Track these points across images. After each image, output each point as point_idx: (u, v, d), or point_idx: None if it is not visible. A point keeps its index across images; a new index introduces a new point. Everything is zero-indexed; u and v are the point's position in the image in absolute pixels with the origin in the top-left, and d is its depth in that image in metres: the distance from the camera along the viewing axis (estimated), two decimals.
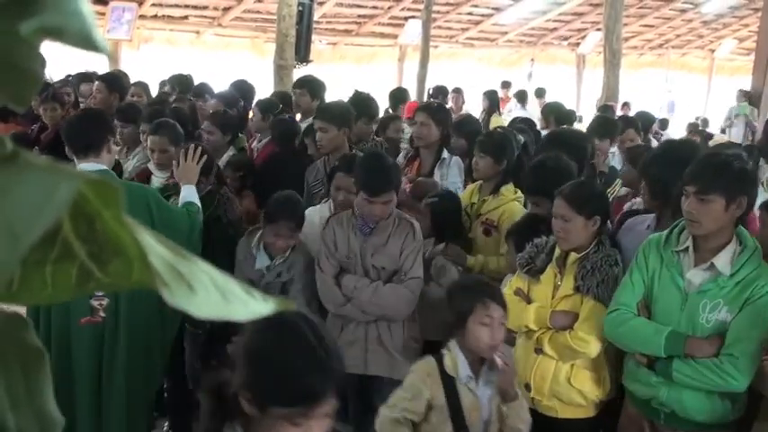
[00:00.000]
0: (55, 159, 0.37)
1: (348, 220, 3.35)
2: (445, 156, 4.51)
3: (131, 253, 0.35)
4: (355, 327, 3.33)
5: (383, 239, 3.29)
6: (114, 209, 0.34)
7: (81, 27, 0.29)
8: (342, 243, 3.33)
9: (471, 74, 16.12)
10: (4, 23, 0.29)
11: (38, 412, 0.42)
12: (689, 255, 2.62)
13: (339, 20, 14.68)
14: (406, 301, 3.28)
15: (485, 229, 3.76)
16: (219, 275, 0.42)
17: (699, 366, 2.53)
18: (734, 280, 2.52)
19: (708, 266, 2.57)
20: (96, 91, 5.62)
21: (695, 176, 2.54)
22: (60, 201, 0.29)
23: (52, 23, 0.29)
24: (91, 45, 0.30)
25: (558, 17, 16.99)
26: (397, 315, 3.32)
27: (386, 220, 3.27)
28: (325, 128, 4.25)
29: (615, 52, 10.05)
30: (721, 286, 2.53)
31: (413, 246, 3.30)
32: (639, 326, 2.66)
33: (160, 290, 0.35)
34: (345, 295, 3.30)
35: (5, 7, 0.28)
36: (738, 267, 2.52)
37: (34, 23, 0.28)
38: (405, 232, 3.30)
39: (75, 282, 0.44)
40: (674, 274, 2.63)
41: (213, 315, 0.37)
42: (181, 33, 12.97)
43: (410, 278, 3.27)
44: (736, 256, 2.54)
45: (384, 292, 3.26)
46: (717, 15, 18.34)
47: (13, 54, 0.32)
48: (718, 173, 2.52)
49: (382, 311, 3.29)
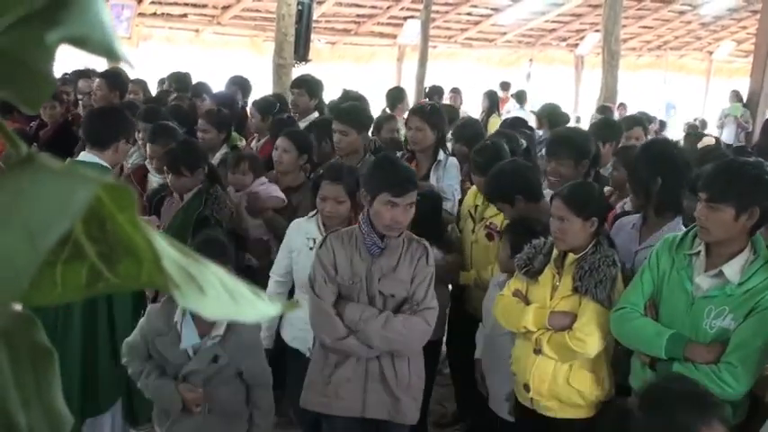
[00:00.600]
0: (53, 157, 0.38)
1: (350, 238, 2.90)
2: (441, 157, 4.44)
3: (144, 255, 0.36)
4: (355, 363, 2.91)
5: (393, 262, 2.87)
6: (129, 212, 0.34)
7: (103, 36, 0.30)
8: (344, 265, 2.88)
9: (470, 74, 16.12)
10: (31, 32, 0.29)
11: (48, 410, 0.43)
12: (700, 259, 2.62)
13: (338, 19, 14.68)
14: (421, 335, 2.91)
15: (488, 233, 3.73)
16: (227, 277, 0.42)
17: (697, 372, 2.52)
18: (742, 288, 2.51)
19: (716, 273, 2.56)
20: (97, 88, 5.62)
21: (707, 184, 2.54)
22: (78, 204, 0.30)
23: (77, 33, 0.29)
24: (113, 55, 0.31)
25: (557, 18, 17.01)
26: (407, 350, 2.93)
27: (396, 238, 2.88)
28: (346, 131, 4.24)
29: (614, 53, 10.06)
30: (728, 294, 2.53)
31: (425, 272, 2.89)
32: (643, 326, 2.67)
33: (172, 292, 0.35)
34: (348, 327, 2.86)
35: (33, 17, 0.29)
36: (749, 276, 2.51)
37: (60, 32, 0.29)
38: (417, 255, 2.90)
39: (84, 282, 0.44)
40: (684, 278, 2.63)
41: (223, 316, 0.38)
42: (180, 31, 12.96)
43: (424, 308, 2.88)
44: (748, 264, 2.53)
45: (396, 323, 2.84)
46: (715, 17, 18.36)
47: (33, 59, 0.32)
48: (729, 182, 2.50)
49: (392, 346, 2.88)
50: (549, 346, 2.88)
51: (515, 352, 3.07)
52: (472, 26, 16.46)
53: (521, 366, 3.00)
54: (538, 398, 2.96)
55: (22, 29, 0.29)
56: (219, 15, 13.05)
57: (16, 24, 0.29)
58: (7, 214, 0.30)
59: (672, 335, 2.59)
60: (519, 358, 3.03)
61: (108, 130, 3.42)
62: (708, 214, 2.51)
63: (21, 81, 0.38)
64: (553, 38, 18.13)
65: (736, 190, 2.49)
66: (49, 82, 0.37)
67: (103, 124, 3.48)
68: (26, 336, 0.46)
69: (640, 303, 2.72)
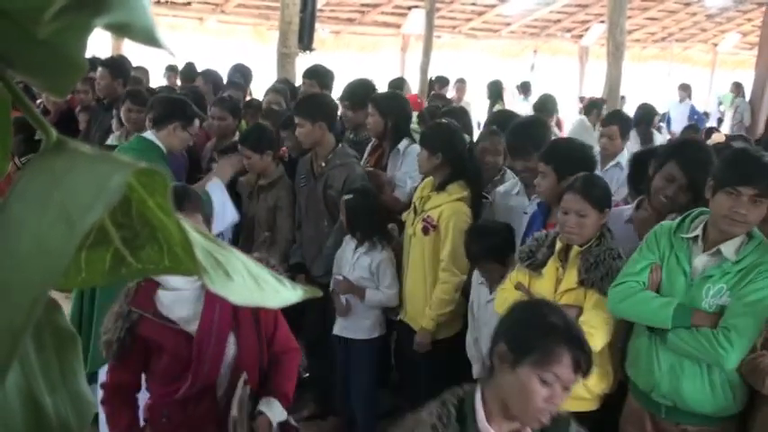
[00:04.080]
0: None
1: None
2: (400, 145, 4.38)
3: (175, 240, 0.36)
4: None
5: None
6: (161, 197, 0.34)
7: (146, 24, 0.30)
8: None
9: (474, 64, 16.07)
10: (77, 20, 0.30)
11: (72, 394, 0.43)
12: (698, 243, 2.64)
13: (342, 8, 14.64)
14: None
15: (423, 227, 3.63)
16: (252, 263, 0.43)
17: (696, 332, 2.55)
18: (738, 266, 2.54)
19: (714, 251, 2.59)
20: (100, 77, 5.62)
21: (753, 179, 2.49)
22: (114, 188, 0.30)
23: (121, 20, 0.29)
24: (155, 42, 0.31)
25: (562, 9, 16.94)
26: None
27: None
28: (301, 123, 4.14)
29: (618, 45, 10.01)
30: (725, 272, 2.55)
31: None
32: (646, 298, 2.66)
33: (201, 277, 0.36)
34: None
35: (77, 3, 0.29)
36: (744, 255, 2.55)
37: (106, 19, 0.29)
38: None
39: (108, 267, 0.44)
40: (682, 260, 2.65)
41: (249, 301, 0.38)
42: (184, 20, 12.93)
43: None
44: (744, 245, 2.57)
45: None
46: (721, 9, 18.27)
47: (71, 47, 0.32)
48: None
49: None
50: None
51: None
52: (477, 16, 16.40)
53: None
54: None
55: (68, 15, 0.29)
56: (223, 4, 13.02)
57: (60, 12, 0.29)
58: (45, 198, 0.30)
59: (678, 304, 2.60)
60: None
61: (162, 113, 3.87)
62: (750, 208, 2.49)
63: (55, 68, 0.38)
64: (558, 29, 18.06)
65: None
66: (81, 68, 0.37)
67: (158, 106, 3.96)
68: (49, 320, 0.47)
69: (639, 277, 2.70)
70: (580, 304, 2.86)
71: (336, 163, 4.07)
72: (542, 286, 2.95)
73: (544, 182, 3.27)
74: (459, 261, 3.54)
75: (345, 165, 4.08)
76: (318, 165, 4.14)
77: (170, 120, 3.84)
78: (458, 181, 3.64)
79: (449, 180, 3.64)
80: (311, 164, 4.19)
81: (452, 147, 3.64)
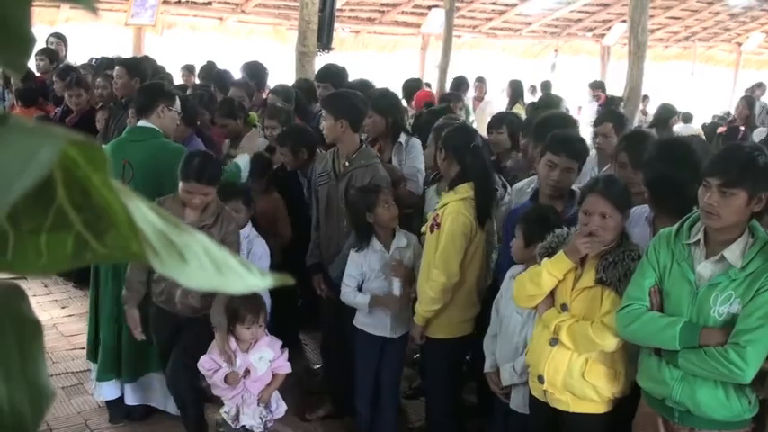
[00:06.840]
0: None
1: None
2: (401, 140, 4.45)
3: (119, 219, 0.34)
4: None
5: None
6: (102, 173, 0.33)
7: None
8: None
9: (494, 64, 16.00)
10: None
11: (30, 384, 0.42)
12: (700, 248, 2.58)
13: (362, 8, 14.63)
14: None
15: (431, 224, 3.62)
16: (216, 248, 0.41)
17: (704, 354, 2.50)
18: (745, 272, 2.49)
19: (718, 258, 2.53)
20: (117, 76, 5.65)
21: (719, 169, 2.49)
22: (42, 160, 0.28)
23: None
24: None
25: (583, 8, 16.82)
26: None
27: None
28: (326, 117, 4.17)
29: (640, 44, 9.90)
30: (732, 278, 2.50)
31: None
32: (652, 320, 2.62)
33: (150, 258, 0.34)
34: None
35: None
36: (750, 259, 2.49)
37: None
38: None
39: (71, 252, 0.43)
40: (685, 268, 2.59)
41: (205, 286, 0.37)
42: (204, 19, 12.98)
43: None
44: (748, 248, 2.51)
45: None
46: (745, 8, 18.05)
47: (10, 16, 0.31)
48: (744, 167, 2.46)
49: None
50: (567, 334, 2.84)
51: (531, 343, 3.04)
52: (497, 16, 16.33)
53: (536, 357, 2.97)
54: (551, 390, 2.93)
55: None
56: (243, 3, 13.05)
57: None
58: None
59: (684, 324, 2.55)
60: (534, 349, 3.00)
61: (147, 99, 4.03)
62: (720, 200, 2.46)
63: (2, 41, 0.37)
64: (579, 28, 17.94)
65: (751, 175, 2.45)
66: (27, 39, 0.35)
67: (141, 95, 4.14)
68: (11, 308, 0.45)
69: (644, 298, 2.66)
70: (597, 302, 2.83)
71: (361, 163, 4.05)
72: (560, 283, 2.93)
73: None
74: (449, 262, 3.49)
75: (370, 166, 4.06)
76: (341, 164, 4.12)
77: (155, 103, 3.97)
78: (467, 182, 3.56)
79: (457, 181, 3.59)
80: (333, 162, 4.17)
81: (465, 151, 3.57)
